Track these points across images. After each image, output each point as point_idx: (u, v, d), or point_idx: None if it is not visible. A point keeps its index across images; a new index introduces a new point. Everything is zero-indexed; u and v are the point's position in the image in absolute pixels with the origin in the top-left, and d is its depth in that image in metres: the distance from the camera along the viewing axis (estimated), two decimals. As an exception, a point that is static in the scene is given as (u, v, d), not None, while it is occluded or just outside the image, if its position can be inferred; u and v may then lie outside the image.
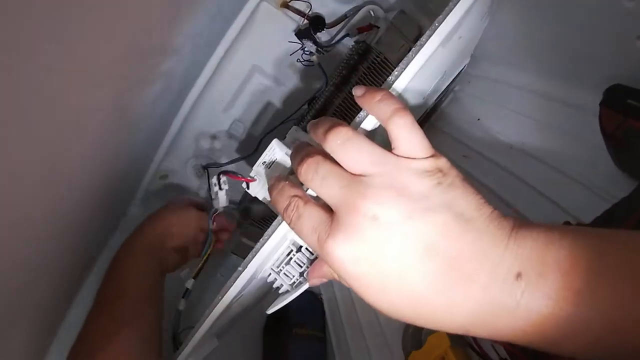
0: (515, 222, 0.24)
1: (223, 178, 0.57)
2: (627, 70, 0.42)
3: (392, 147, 0.28)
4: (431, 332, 0.52)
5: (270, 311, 0.43)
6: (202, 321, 0.47)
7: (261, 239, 0.38)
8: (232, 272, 0.41)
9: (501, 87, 0.62)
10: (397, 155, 0.27)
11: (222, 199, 0.59)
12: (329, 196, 0.28)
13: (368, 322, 0.66)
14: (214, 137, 0.77)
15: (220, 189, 0.58)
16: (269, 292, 0.68)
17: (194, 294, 0.62)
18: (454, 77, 0.62)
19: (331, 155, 0.29)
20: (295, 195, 0.30)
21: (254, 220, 0.77)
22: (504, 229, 0.24)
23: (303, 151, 0.31)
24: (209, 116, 0.74)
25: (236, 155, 0.78)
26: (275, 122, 0.72)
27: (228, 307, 0.45)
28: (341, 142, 0.28)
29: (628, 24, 0.39)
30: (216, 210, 0.59)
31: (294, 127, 0.50)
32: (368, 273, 0.25)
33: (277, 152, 0.43)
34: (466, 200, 0.25)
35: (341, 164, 0.28)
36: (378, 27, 0.68)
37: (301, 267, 0.42)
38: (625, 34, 0.39)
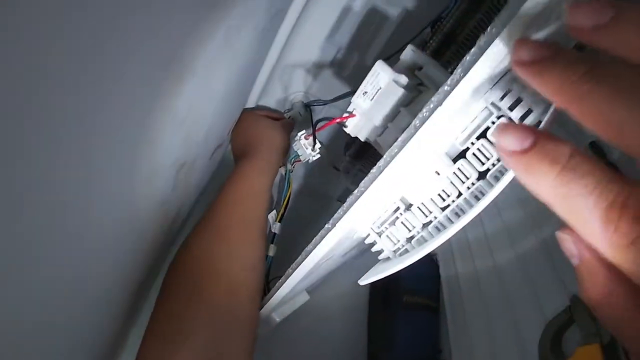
0: None
1: (317, 144, 0.48)
2: None
3: None
4: (580, 342, 0.41)
5: (363, 282, 0.34)
6: (283, 281, 0.40)
7: (356, 190, 0.28)
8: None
9: None
10: None
11: (314, 157, 0.51)
12: None
13: (497, 309, 0.55)
14: (317, 68, 0.67)
15: (314, 150, 0.49)
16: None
17: (291, 236, 0.56)
18: None
19: None
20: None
21: (364, 164, 0.67)
22: None
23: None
24: (310, 45, 0.64)
25: (343, 90, 0.67)
26: (390, 50, 0.60)
27: (314, 268, 0.37)
28: None
29: None
30: (298, 156, 0.50)
31: (410, 46, 0.37)
32: None
33: (382, 77, 0.32)
34: None
35: None
36: None
37: (410, 230, 0.32)
38: None
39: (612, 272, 0.15)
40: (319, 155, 0.48)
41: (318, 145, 0.46)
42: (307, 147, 0.46)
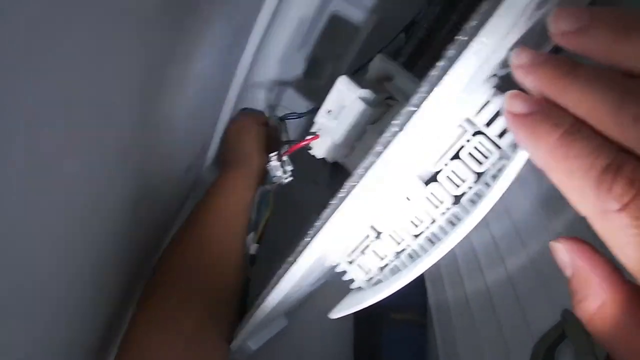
0: None
1: (288, 166, 0.45)
2: None
3: None
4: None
5: (334, 316, 0.31)
6: (253, 312, 0.37)
7: (317, 221, 0.25)
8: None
9: None
10: None
11: (286, 178, 0.48)
12: None
13: (485, 326, 0.53)
14: (288, 82, 0.65)
15: (285, 173, 0.46)
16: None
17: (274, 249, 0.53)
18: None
19: None
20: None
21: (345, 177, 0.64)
22: None
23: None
24: (280, 58, 0.61)
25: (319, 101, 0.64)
26: (364, 59, 0.57)
27: (284, 299, 0.34)
28: None
29: None
30: (278, 178, 0.47)
31: (379, 55, 0.35)
32: None
33: (345, 94, 0.29)
34: None
35: None
36: None
37: (382, 259, 0.29)
38: None
39: (606, 282, 0.16)
40: (291, 178, 0.45)
41: (289, 167, 0.43)
42: (277, 170, 0.43)
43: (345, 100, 0.30)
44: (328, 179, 0.66)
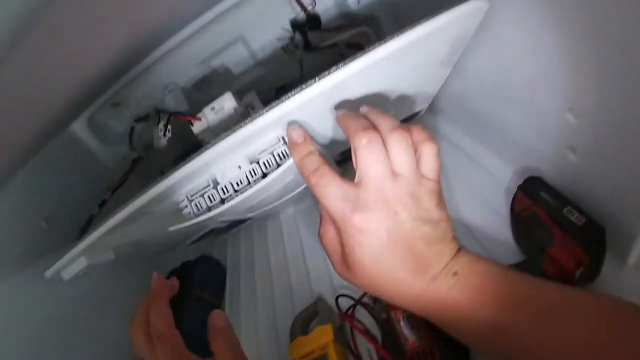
0: (459, 244, 0.37)
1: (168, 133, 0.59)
2: (548, 168, 0.51)
3: (418, 162, 0.36)
4: (319, 324, 0.57)
5: (172, 229, 0.48)
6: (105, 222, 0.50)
7: (188, 159, 0.43)
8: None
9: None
10: (420, 171, 0.36)
11: (162, 142, 0.62)
12: (369, 171, 0.35)
13: (263, 300, 0.72)
14: (177, 87, 0.77)
15: (165, 135, 0.59)
16: (181, 240, 0.72)
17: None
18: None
19: (387, 144, 0.36)
20: (324, 164, 0.38)
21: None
22: (455, 247, 0.37)
23: (365, 122, 0.37)
24: (182, 65, 0.75)
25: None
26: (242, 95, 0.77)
27: (134, 215, 0.48)
28: (405, 143, 0.35)
29: (565, 134, 0.46)
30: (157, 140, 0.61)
31: (252, 93, 0.56)
32: (372, 244, 0.35)
33: (227, 102, 0.49)
34: (447, 224, 0.37)
35: (391, 157, 0.35)
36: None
37: (212, 201, 0.47)
38: (560, 141, 0.47)
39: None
40: (165, 143, 0.60)
41: (169, 134, 0.58)
42: (160, 130, 0.57)
43: (224, 105, 0.49)
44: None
